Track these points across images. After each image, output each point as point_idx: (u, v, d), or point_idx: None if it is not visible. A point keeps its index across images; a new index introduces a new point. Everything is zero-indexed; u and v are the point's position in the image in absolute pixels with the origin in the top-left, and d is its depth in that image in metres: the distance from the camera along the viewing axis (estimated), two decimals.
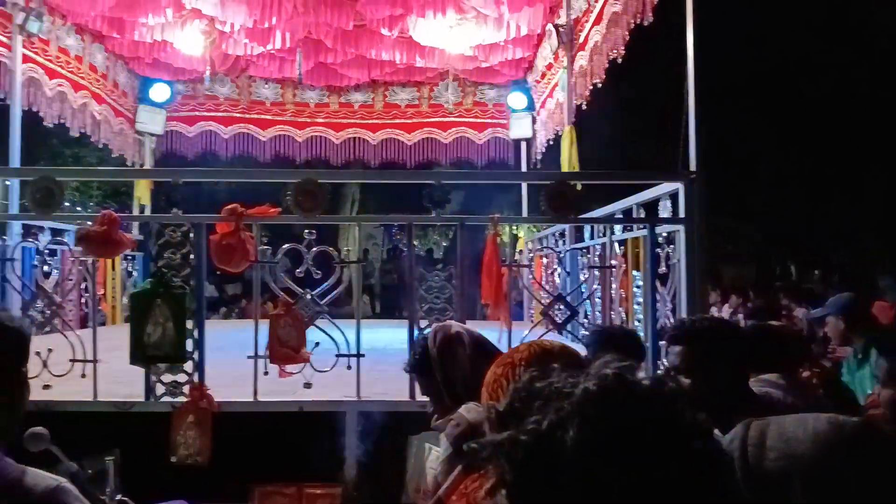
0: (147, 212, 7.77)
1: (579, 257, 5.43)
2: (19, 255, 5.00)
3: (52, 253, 5.88)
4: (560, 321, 3.48)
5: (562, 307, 3.50)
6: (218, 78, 8.33)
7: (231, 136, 8.74)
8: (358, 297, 3.55)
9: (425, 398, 3.05)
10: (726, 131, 11.43)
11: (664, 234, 3.75)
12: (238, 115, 8.76)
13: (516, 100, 8.28)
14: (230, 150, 8.81)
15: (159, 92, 8.22)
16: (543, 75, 7.42)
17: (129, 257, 6.96)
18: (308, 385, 3.30)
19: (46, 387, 3.22)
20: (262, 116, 8.80)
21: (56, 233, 6.08)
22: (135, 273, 7.42)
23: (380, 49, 7.21)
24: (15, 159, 6.02)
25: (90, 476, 2.38)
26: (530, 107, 8.20)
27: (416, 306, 3.39)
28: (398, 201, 19.19)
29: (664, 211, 3.81)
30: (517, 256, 6.21)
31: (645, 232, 3.80)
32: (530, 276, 4.88)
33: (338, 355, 3.39)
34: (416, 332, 3.37)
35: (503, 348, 2.68)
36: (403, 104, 8.91)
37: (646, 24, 4.27)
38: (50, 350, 3.22)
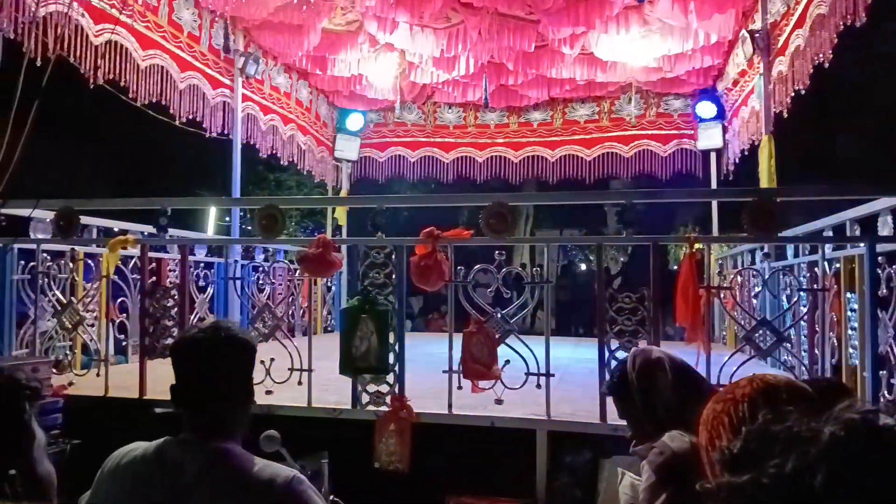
0: (344, 231, 8.43)
1: (781, 277, 5.05)
2: (235, 272, 5.68)
3: (265, 270, 6.57)
4: (765, 347, 3.26)
5: (766, 332, 3.28)
6: (406, 105, 8.85)
7: (417, 160, 9.22)
8: (547, 317, 3.58)
9: (616, 422, 3.02)
10: None
11: (885, 254, 3.40)
12: (424, 139, 9.22)
13: (705, 109, 7.90)
14: (416, 172, 9.30)
15: (354, 121, 8.92)
16: (736, 83, 7.02)
17: None
18: (499, 401, 3.38)
19: (269, 392, 3.59)
20: (446, 139, 9.19)
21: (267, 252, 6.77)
22: (333, 288, 8.05)
23: (560, 67, 7.23)
24: (236, 188, 6.81)
25: (308, 476, 2.63)
26: (720, 116, 7.78)
27: (605, 328, 3.36)
28: (572, 215, 18.99)
29: (884, 228, 3.45)
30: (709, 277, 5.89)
31: (862, 250, 3.46)
32: (725, 298, 4.61)
33: (527, 374, 3.44)
34: (606, 354, 3.34)
35: (700, 373, 2.59)
36: (583, 120, 8.86)
37: (857, 25, 3.91)
38: (272, 359, 3.60)
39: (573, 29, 6.22)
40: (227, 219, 15.95)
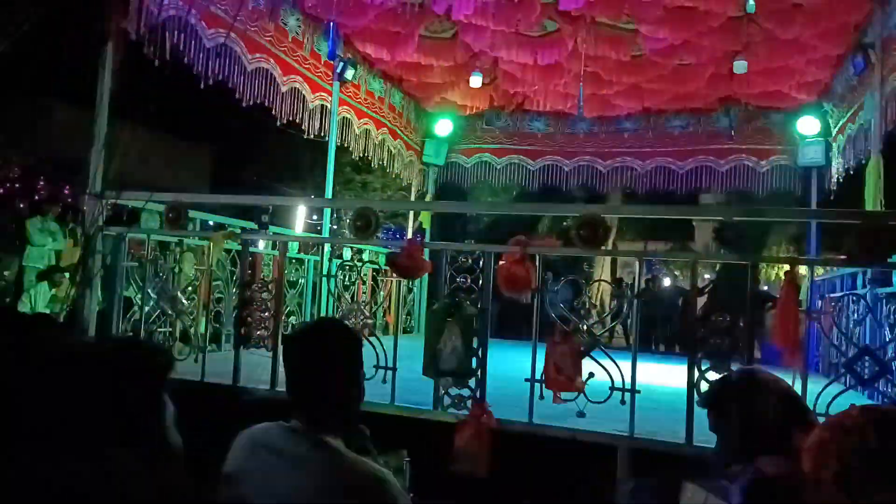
0: (428, 234, 8.56)
1: (884, 304, 4.77)
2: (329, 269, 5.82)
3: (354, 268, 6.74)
4: (865, 377, 3.10)
5: (867, 361, 3.12)
6: (495, 112, 8.89)
7: (503, 167, 9.23)
8: (637, 332, 3.53)
9: (702, 444, 2.95)
10: None
11: None
12: (511, 146, 9.21)
13: (808, 125, 7.55)
14: (502, 179, 9.32)
15: (443, 127, 9.02)
16: (843, 98, 6.69)
17: None
18: (581, 414, 3.36)
19: None
20: (533, 147, 9.16)
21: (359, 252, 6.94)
22: (414, 290, 8.17)
23: (656, 78, 7.08)
24: (328, 189, 7.01)
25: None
26: (825, 133, 7.42)
27: (696, 347, 3.27)
28: (657, 228, 18.48)
29: None
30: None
31: None
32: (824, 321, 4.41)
33: (612, 388, 3.40)
34: (695, 374, 3.26)
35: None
36: (676, 132, 8.63)
37: None
38: None
39: (672, 39, 6.09)
40: (315, 217, 16.48)
